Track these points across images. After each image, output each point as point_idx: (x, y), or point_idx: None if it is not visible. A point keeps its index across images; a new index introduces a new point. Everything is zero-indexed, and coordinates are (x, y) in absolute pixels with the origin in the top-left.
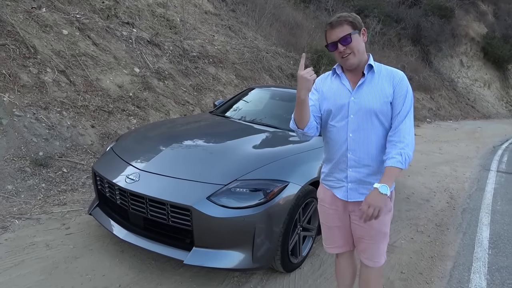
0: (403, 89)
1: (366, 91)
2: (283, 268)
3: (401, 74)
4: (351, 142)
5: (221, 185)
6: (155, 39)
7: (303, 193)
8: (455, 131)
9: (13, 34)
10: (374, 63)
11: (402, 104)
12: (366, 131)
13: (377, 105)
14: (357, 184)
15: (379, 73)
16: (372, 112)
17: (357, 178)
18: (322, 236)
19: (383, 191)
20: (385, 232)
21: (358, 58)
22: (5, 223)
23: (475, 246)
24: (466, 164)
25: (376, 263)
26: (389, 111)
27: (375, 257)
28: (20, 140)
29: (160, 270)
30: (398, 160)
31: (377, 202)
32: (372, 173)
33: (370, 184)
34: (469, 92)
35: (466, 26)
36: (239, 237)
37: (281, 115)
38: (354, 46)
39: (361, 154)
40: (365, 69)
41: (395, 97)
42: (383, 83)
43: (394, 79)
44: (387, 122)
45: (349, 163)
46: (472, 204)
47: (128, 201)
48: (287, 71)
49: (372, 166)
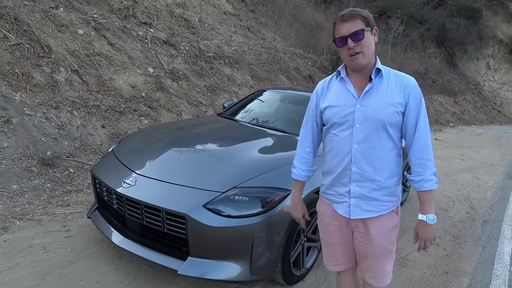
0: (417, 98)
1: (374, 99)
2: (284, 280)
3: (413, 81)
4: (356, 154)
5: (219, 193)
6: (171, 39)
7: (307, 202)
8: (480, 136)
9: (28, 33)
10: (382, 67)
11: (418, 115)
12: (373, 142)
13: (386, 115)
14: (361, 200)
15: (388, 78)
16: (380, 122)
17: (361, 193)
18: (323, 252)
19: (432, 221)
20: (391, 250)
21: (367, 59)
22: (6, 224)
23: (495, 261)
24: (489, 171)
25: (382, 283)
26: (399, 121)
27: (381, 276)
28: (29, 139)
29: (156, 279)
30: (435, 181)
31: (430, 233)
32: (378, 188)
33: (375, 200)
34: (495, 96)
35: (494, 28)
36: (236, 247)
37: (292, 119)
38: (365, 44)
39: (367, 168)
40: (373, 74)
41: (409, 107)
42: (393, 90)
43: (406, 87)
44: (395, 133)
45: (352, 176)
46: (494, 215)
47: (124, 207)
48: (304, 73)
49: (378, 181)
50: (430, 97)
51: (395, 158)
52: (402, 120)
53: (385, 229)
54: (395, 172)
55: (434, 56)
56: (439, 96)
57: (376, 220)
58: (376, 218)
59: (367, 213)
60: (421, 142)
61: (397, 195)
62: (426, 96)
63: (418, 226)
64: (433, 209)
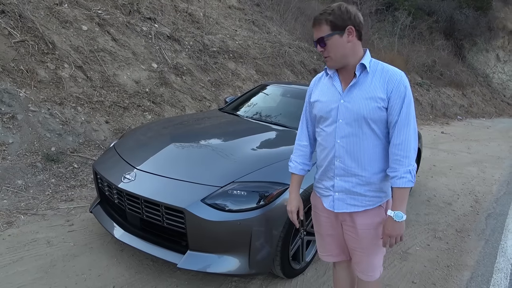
0: (400, 93)
1: (357, 94)
2: (283, 273)
3: (398, 76)
4: (339, 149)
5: (217, 187)
6: (175, 34)
7: (306, 196)
8: (488, 129)
9: (33, 30)
10: (368, 62)
11: (399, 111)
12: (355, 138)
13: (367, 110)
14: (345, 194)
15: (373, 73)
16: (362, 118)
17: (344, 188)
18: (316, 243)
19: (399, 219)
20: (379, 244)
21: (336, 62)
22: (11, 218)
23: (497, 255)
24: (496, 165)
25: (370, 277)
26: (382, 117)
27: (368, 270)
28: (33, 135)
29: (157, 272)
30: (409, 179)
31: (396, 231)
32: (362, 184)
33: (359, 195)
34: (505, 88)
35: (504, 19)
36: (235, 241)
37: (294, 113)
38: (331, 49)
39: (350, 163)
40: (357, 69)
41: (391, 103)
42: (376, 85)
43: (389, 82)
44: (380, 129)
45: (336, 171)
46: (498, 209)
47: (124, 201)
48: (309, 66)
49: (362, 176)
50: (438, 90)
51: (381, 153)
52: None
53: (371, 223)
54: (381, 168)
55: (442, 48)
56: (447, 89)
57: (362, 215)
58: (362, 212)
59: (351, 207)
60: (399, 139)
61: (385, 191)
62: (433, 89)
63: (386, 221)
64: (404, 206)
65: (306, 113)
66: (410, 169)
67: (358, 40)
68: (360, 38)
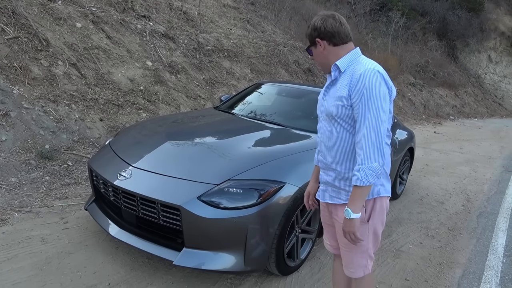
0: (359, 90)
1: (331, 93)
2: (279, 271)
3: (361, 73)
4: (320, 144)
5: (213, 185)
6: (169, 32)
7: (301, 194)
8: (479, 129)
9: (26, 27)
10: (347, 63)
11: (358, 107)
12: (330, 134)
13: (333, 108)
14: (329, 186)
15: (345, 72)
16: (330, 116)
17: (326, 180)
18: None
19: (346, 216)
20: (359, 243)
21: (324, 67)
22: (4, 216)
23: (488, 253)
24: (487, 164)
25: (351, 274)
26: (347, 115)
27: (349, 266)
28: (27, 132)
29: (153, 269)
30: (357, 177)
31: (346, 227)
32: (340, 178)
33: (339, 188)
34: (496, 89)
35: (496, 20)
36: (230, 239)
37: (289, 112)
38: (317, 58)
39: (327, 158)
40: (332, 70)
41: (353, 100)
42: (342, 84)
43: (352, 79)
44: (350, 126)
45: (320, 164)
46: (490, 207)
47: (120, 199)
48: (304, 66)
49: (339, 171)
50: (431, 90)
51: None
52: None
53: None
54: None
55: (435, 49)
56: (439, 89)
57: (343, 209)
58: (343, 206)
59: (333, 199)
60: (359, 136)
61: None
62: (426, 89)
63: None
64: (356, 205)
65: None
66: (361, 168)
67: (335, 46)
68: (338, 43)
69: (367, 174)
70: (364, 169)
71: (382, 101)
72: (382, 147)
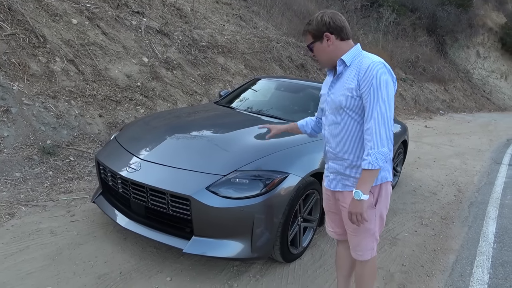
0: (368, 81)
1: (337, 86)
2: (283, 258)
3: (367, 65)
4: (328, 136)
5: (220, 176)
6: (164, 29)
7: (304, 185)
8: (469, 123)
9: (23, 23)
10: (351, 57)
11: (367, 97)
12: (338, 125)
13: (342, 100)
14: (338, 175)
15: (352, 66)
16: (339, 107)
17: (336, 170)
18: (325, 218)
19: (357, 197)
20: (368, 227)
21: (324, 63)
22: (12, 210)
23: (480, 240)
24: (477, 157)
25: (359, 256)
26: (357, 105)
27: (357, 249)
28: (28, 128)
29: (161, 258)
30: (368, 161)
31: (354, 208)
32: (349, 166)
33: (349, 176)
34: (484, 84)
35: (484, 16)
36: (238, 227)
37: (287, 106)
38: (319, 53)
39: (336, 148)
40: (338, 64)
41: (361, 91)
42: (350, 76)
43: (360, 71)
44: (358, 116)
45: (328, 155)
46: (480, 198)
47: (129, 190)
48: (297, 61)
49: (348, 160)
50: (421, 85)
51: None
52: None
53: None
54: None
55: (425, 45)
56: (429, 84)
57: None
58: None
59: (343, 186)
60: (368, 124)
61: None
62: (416, 84)
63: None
64: (365, 187)
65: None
66: (371, 152)
67: (342, 41)
68: (345, 38)
69: (377, 158)
70: (375, 154)
71: (389, 91)
72: (390, 134)
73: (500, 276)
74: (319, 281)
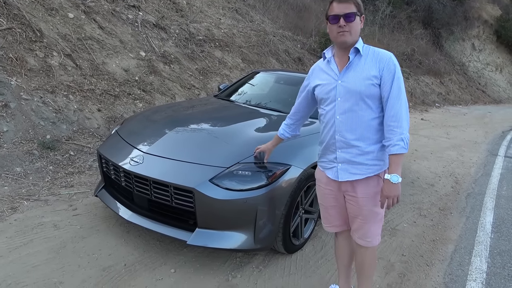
0: (391, 70)
1: (353, 74)
2: (285, 249)
3: (388, 56)
4: (339, 124)
5: (223, 168)
6: (161, 23)
7: (305, 176)
8: (464, 116)
9: (19, 17)
10: (361, 46)
11: (390, 86)
12: (352, 113)
13: (363, 87)
14: (347, 164)
15: (366, 55)
16: (358, 95)
17: (346, 158)
18: (321, 215)
19: (395, 181)
20: (377, 212)
21: (353, 38)
22: (14, 204)
23: (477, 230)
24: (473, 149)
25: (368, 243)
26: (376, 93)
27: (367, 236)
28: (27, 123)
29: (165, 251)
30: (402, 146)
31: (392, 192)
32: (361, 153)
33: (360, 164)
34: (480, 77)
35: (479, 9)
36: (241, 218)
37: (286, 99)
38: (354, 26)
39: (349, 136)
40: (351, 53)
41: (383, 79)
42: (369, 65)
43: (381, 61)
44: (374, 104)
45: (337, 144)
46: (477, 189)
47: (132, 183)
48: (294, 55)
49: (360, 147)
50: (417, 78)
51: (376, 126)
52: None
53: (371, 192)
54: (377, 139)
55: (421, 38)
56: (425, 77)
57: (363, 184)
58: (363, 181)
59: (353, 175)
60: (392, 111)
61: (383, 159)
62: (412, 77)
63: (384, 184)
64: (399, 170)
65: (303, 96)
66: (402, 137)
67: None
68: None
69: (406, 143)
70: (404, 139)
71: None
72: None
73: (498, 265)
74: (321, 271)
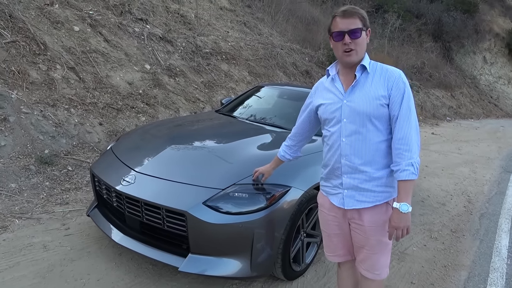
0: (400, 89)
1: (359, 94)
2: (285, 276)
3: (397, 74)
4: (344, 147)
5: (218, 190)
6: (167, 36)
7: (307, 198)
8: (476, 130)
9: (24, 30)
10: (368, 63)
11: (400, 106)
12: (359, 135)
13: (371, 108)
14: (354, 191)
15: (373, 73)
16: (365, 116)
17: (352, 184)
18: (323, 243)
19: (405, 210)
20: (386, 242)
21: (359, 56)
22: (5, 223)
23: (492, 255)
24: (486, 165)
25: (376, 276)
26: (384, 114)
27: (375, 269)
28: (26, 137)
29: (157, 276)
30: (411, 172)
31: (402, 222)
32: (369, 180)
33: (368, 190)
34: (492, 90)
35: (490, 21)
36: (236, 244)
37: (290, 114)
38: (360, 43)
39: (355, 160)
40: (357, 70)
41: (392, 99)
42: (377, 84)
43: (389, 79)
44: (382, 125)
45: (343, 169)
46: (491, 208)
47: (124, 204)
48: (301, 68)
49: (368, 172)
50: (427, 91)
51: (385, 149)
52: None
53: (379, 221)
54: (386, 164)
55: (431, 50)
56: (436, 90)
57: (370, 212)
58: (370, 209)
59: (360, 203)
60: (401, 133)
61: (393, 186)
62: (423, 90)
63: (392, 214)
64: (409, 199)
65: (305, 116)
66: (412, 162)
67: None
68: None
69: (416, 169)
70: (414, 163)
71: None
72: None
73: None
74: None
